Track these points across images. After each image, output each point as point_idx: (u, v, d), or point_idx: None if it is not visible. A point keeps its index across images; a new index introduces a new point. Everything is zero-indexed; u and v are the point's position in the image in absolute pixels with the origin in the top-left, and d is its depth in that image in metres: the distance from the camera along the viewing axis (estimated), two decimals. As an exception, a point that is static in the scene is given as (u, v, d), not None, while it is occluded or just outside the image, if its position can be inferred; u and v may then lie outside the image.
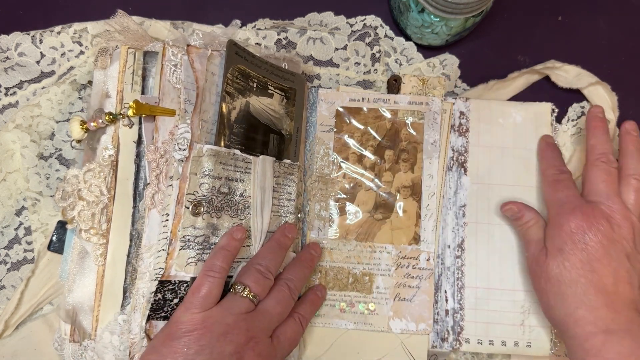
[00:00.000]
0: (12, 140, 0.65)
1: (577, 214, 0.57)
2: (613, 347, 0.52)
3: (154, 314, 0.53)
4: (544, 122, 0.66)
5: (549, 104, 0.67)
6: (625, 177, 0.59)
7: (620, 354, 0.51)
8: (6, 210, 0.65)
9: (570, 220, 0.56)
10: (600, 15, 0.72)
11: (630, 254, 0.56)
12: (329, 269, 0.65)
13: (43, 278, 0.64)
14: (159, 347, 0.50)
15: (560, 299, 0.56)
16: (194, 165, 0.54)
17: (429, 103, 0.66)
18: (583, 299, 0.54)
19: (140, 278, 0.54)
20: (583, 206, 0.57)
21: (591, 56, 0.70)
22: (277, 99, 0.63)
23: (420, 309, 0.64)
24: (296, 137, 0.64)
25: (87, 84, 0.67)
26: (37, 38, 0.68)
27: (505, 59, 0.71)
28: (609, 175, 0.59)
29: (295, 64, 0.66)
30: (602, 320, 0.53)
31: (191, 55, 0.57)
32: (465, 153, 0.66)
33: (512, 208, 0.63)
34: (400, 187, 0.66)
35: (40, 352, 0.64)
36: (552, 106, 0.67)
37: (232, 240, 0.55)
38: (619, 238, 0.56)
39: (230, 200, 0.57)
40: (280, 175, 0.62)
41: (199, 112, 0.56)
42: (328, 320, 0.64)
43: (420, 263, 0.65)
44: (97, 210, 0.55)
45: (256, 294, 0.54)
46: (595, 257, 0.55)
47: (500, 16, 0.72)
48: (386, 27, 0.71)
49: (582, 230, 0.56)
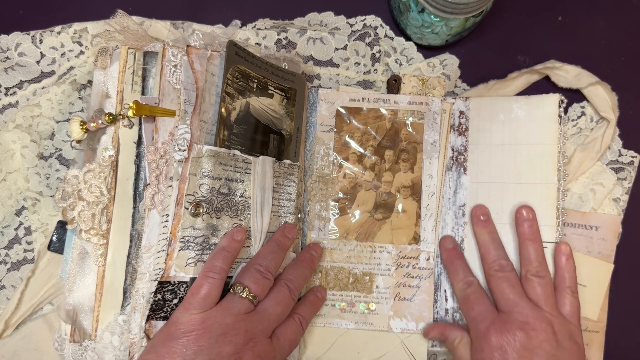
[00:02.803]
0: (12, 140, 0.65)
1: (492, 331, 0.57)
2: None
3: (154, 314, 0.53)
4: (550, 115, 0.65)
5: (557, 95, 0.65)
6: (524, 277, 0.60)
7: None
8: (6, 210, 0.65)
9: (488, 340, 0.56)
10: (600, 15, 0.72)
11: (555, 353, 0.55)
12: (330, 269, 0.65)
13: (43, 278, 0.64)
14: (158, 347, 0.50)
15: None
16: (193, 166, 0.54)
17: (429, 103, 0.66)
18: None
19: (140, 278, 0.54)
20: (496, 321, 0.57)
21: (591, 56, 0.70)
22: (277, 99, 0.63)
23: (420, 309, 0.64)
24: (296, 137, 0.64)
25: (87, 83, 0.67)
26: (37, 38, 0.68)
27: (505, 59, 0.71)
28: (508, 281, 0.59)
29: (296, 64, 0.66)
30: None
31: (191, 55, 0.57)
32: (464, 152, 0.66)
33: (435, 334, 0.62)
34: (400, 187, 0.66)
35: (40, 352, 0.64)
36: (561, 96, 0.65)
37: (232, 242, 0.55)
38: (537, 344, 0.55)
39: (230, 201, 0.57)
40: (280, 176, 0.62)
41: (198, 113, 0.56)
42: (328, 320, 0.64)
43: (420, 263, 0.65)
44: (97, 210, 0.55)
45: (255, 294, 0.54)
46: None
47: (500, 16, 0.72)
48: (386, 27, 0.70)
49: (500, 348, 0.55)
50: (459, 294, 0.62)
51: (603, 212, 0.67)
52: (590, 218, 0.67)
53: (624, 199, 0.68)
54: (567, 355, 0.56)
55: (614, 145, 0.68)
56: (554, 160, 0.64)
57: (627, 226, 0.67)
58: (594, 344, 0.66)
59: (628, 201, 0.68)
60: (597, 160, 0.67)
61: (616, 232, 0.67)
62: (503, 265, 0.60)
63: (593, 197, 0.67)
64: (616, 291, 0.66)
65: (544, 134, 0.65)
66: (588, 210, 0.67)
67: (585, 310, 0.65)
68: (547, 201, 0.64)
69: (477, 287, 0.61)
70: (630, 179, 0.68)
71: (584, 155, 0.67)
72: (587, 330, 0.65)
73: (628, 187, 0.68)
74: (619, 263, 0.66)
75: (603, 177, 0.68)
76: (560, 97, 0.65)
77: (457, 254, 0.63)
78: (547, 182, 0.64)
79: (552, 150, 0.64)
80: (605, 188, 0.67)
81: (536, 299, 0.58)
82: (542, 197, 0.64)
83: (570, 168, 0.66)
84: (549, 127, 0.65)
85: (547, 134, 0.65)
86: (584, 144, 0.68)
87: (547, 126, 0.65)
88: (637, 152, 0.68)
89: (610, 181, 0.67)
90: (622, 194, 0.68)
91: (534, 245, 0.61)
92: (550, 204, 0.64)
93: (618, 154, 0.68)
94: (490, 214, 0.63)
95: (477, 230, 0.63)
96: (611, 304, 0.66)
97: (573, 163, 0.67)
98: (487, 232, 0.62)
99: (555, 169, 0.64)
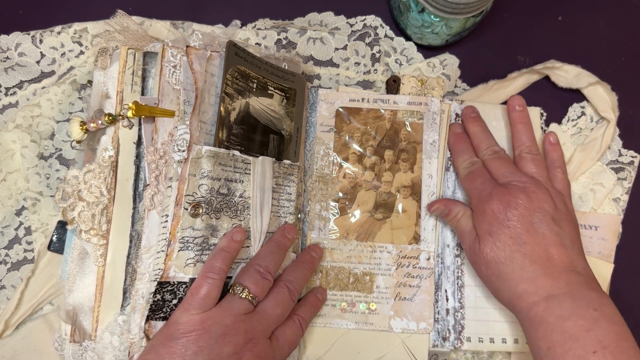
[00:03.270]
0: (12, 140, 0.65)
1: (494, 196, 0.58)
2: (554, 311, 0.53)
3: (153, 315, 0.53)
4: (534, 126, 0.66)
5: (537, 108, 0.68)
6: (518, 156, 0.63)
7: (561, 317, 0.52)
8: (6, 210, 0.65)
9: (491, 202, 0.58)
10: (600, 15, 0.72)
11: (554, 215, 0.57)
12: (330, 269, 0.65)
13: (43, 278, 0.64)
14: (158, 347, 0.50)
15: (502, 280, 0.57)
16: (192, 167, 0.54)
17: (428, 103, 0.66)
18: (521, 274, 0.55)
19: (140, 279, 0.54)
20: (498, 188, 0.59)
21: (591, 56, 0.70)
22: (277, 100, 0.63)
23: (420, 308, 0.64)
24: (296, 138, 0.64)
25: (87, 83, 0.67)
26: (37, 38, 0.68)
27: (505, 59, 0.71)
28: (503, 159, 0.62)
29: (296, 64, 0.66)
30: (542, 289, 0.54)
31: (190, 56, 0.57)
32: (462, 154, 0.67)
33: (438, 207, 0.64)
34: (400, 187, 0.66)
35: (40, 352, 0.64)
36: (541, 110, 0.68)
37: (231, 242, 0.55)
38: (538, 204, 0.57)
39: (229, 201, 0.57)
40: (280, 176, 0.62)
41: (197, 114, 0.56)
42: (329, 320, 0.64)
43: (420, 262, 0.65)
44: (97, 211, 0.55)
45: (255, 295, 0.54)
46: (522, 230, 0.56)
47: (500, 16, 0.72)
48: (386, 27, 0.70)
49: (503, 208, 0.57)
50: (463, 171, 0.64)
51: (603, 212, 0.67)
52: (589, 218, 0.67)
53: (624, 199, 0.68)
54: (563, 217, 0.58)
55: (614, 145, 0.68)
56: None
57: (627, 226, 0.67)
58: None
59: (628, 201, 0.68)
60: (597, 160, 0.68)
61: (616, 232, 0.67)
62: (496, 149, 0.63)
63: (593, 197, 0.67)
64: (617, 291, 0.66)
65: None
66: (588, 210, 0.67)
67: (586, 310, 0.65)
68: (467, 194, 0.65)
69: (480, 165, 0.63)
70: (630, 179, 0.68)
71: (584, 155, 0.67)
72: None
73: (628, 187, 0.68)
74: (619, 263, 0.66)
75: (603, 177, 0.68)
76: (541, 110, 0.69)
77: (464, 138, 0.65)
78: None
79: None
80: (605, 188, 0.67)
81: (531, 173, 0.61)
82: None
83: (570, 168, 0.67)
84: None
85: None
86: (584, 144, 0.68)
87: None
88: (637, 152, 0.68)
89: (610, 181, 0.67)
90: (622, 194, 0.68)
91: (525, 128, 0.64)
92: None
93: (618, 154, 0.68)
94: (479, 112, 0.66)
95: (469, 126, 0.66)
96: (611, 304, 0.66)
97: (573, 163, 0.67)
98: (477, 125, 0.65)
99: None
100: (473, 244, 0.59)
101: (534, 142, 0.63)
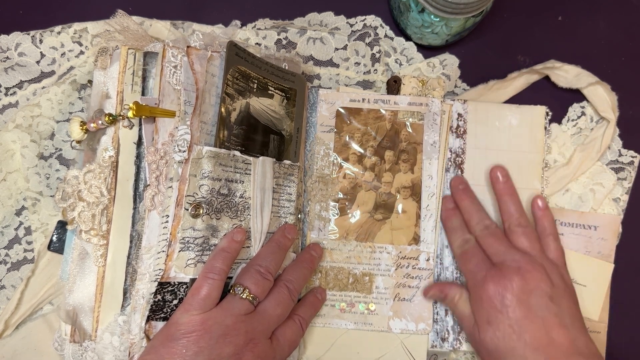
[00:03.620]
0: (12, 140, 0.65)
1: (489, 279, 0.57)
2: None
3: (154, 315, 0.53)
4: (537, 125, 0.67)
5: (543, 107, 0.67)
6: (508, 229, 0.61)
7: None
8: (6, 210, 0.65)
9: (487, 287, 0.57)
10: (600, 15, 0.72)
11: (551, 294, 0.56)
12: (329, 269, 0.65)
13: (43, 278, 0.64)
14: (158, 348, 0.50)
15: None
16: (193, 167, 0.54)
17: (429, 104, 0.66)
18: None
19: (140, 279, 0.54)
20: (492, 270, 0.58)
21: (591, 56, 0.70)
22: (278, 100, 0.63)
23: (420, 309, 0.64)
24: (296, 138, 0.64)
25: (87, 83, 0.67)
26: (37, 38, 0.67)
27: (505, 59, 0.71)
28: (495, 236, 0.61)
29: (296, 64, 0.66)
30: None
31: (191, 56, 0.57)
32: (462, 155, 0.66)
33: (434, 292, 0.63)
34: (400, 188, 0.66)
35: (40, 352, 0.64)
36: (546, 109, 0.67)
37: (232, 242, 0.55)
38: (535, 285, 0.56)
39: (230, 202, 0.57)
40: (280, 176, 0.62)
41: (198, 114, 0.56)
42: (328, 320, 0.64)
43: (420, 263, 0.65)
44: (97, 211, 0.55)
45: (255, 295, 0.54)
46: (520, 317, 0.55)
47: (500, 16, 0.72)
48: (386, 27, 0.70)
49: (499, 294, 0.56)
50: (457, 250, 0.63)
51: (603, 212, 0.67)
52: (589, 218, 0.67)
53: (624, 199, 0.68)
54: (561, 293, 0.57)
55: (614, 145, 0.68)
56: (539, 168, 0.66)
57: (627, 226, 0.67)
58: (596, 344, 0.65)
59: (628, 201, 0.68)
60: (597, 160, 0.68)
61: (616, 232, 0.67)
62: (487, 224, 0.62)
63: (593, 197, 0.67)
64: (617, 291, 0.66)
65: (531, 143, 0.67)
66: (588, 210, 0.67)
67: (586, 311, 0.65)
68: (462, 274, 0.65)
69: (474, 243, 0.62)
70: (630, 179, 0.68)
71: (584, 155, 0.67)
72: (589, 331, 0.65)
73: (628, 187, 0.68)
74: (619, 263, 0.66)
75: (603, 177, 0.68)
76: (546, 109, 0.67)
77: (455, 214, 0.64)
78: (532, 187, 0.66)
79: (538, 158, 0.67)
80: (605, 188, 0.67)
81: (523, 248, 0.60)
82: (527, 201, 0.65)
83: (570, 168, 0.67)
84: (536, 136, 0.67)
85: (534, 143, 0.67)
86: (584, 144, 0.68)
87: (535, 136, 0.67)
88: (637, 152, 0.68)
89: (610, 181, 0.68)
90: (622, 194, 0.68)
91: (511, 199, 0.63)
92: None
93: (618, 154, 0.68)
94: (468, 183, 0.65)
95: (458, 200, 0.65)
96: (612, 304, 0.66)
97: (573, 163, 0.67)
98: (466, 199, 0.64)
99: (539, 176, 0.66)
100: (473, 330, 0.59)
101: (523, 213, 0.62)
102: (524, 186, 0.66)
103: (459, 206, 0.64)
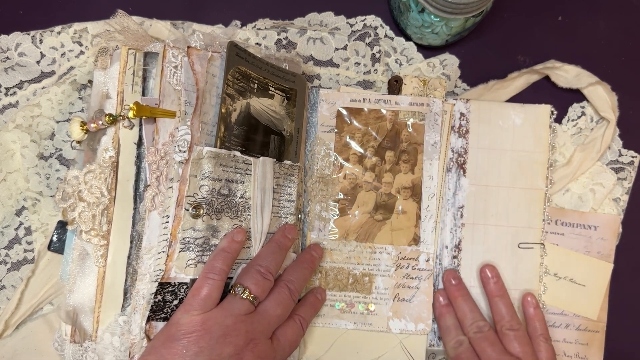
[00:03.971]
0: (12, 140, 0.65)
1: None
2: None
3: (154, 315, 0.53)
4: (542, 124, 0.66)
5: (548, 106, 0.67)
6: (500, 331, 0.62)
7: None
8: (6, 210, 0.65)
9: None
10: (600, 15, 0.72)
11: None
12: (329, 270, 0.65)
13: (43, 278, 0.64)
14: (159, 348, 0.50)
15: None
16: (193, 168, 0.54)
17: (430, 104, 0.66)
18: None
19: (141, 279, 0.54)
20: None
21: (591, 56, 0.70)
22: (278, 100, 0.63)
23: (419, 309, 0.64)
24: (297, 138, 0.64)
25: (88, 83, 0.67)
26: (37, 38, 0.67)
27: (505, 59, 0.71)
28: (488, 340, 0.61)
29: (296, 64, 0.66)
30: None
31: (191, 57, 0.57)
32: (464, 154, 0.66)
33: None
34: (400, 188, 0.66)
35: (40, 352, 0.64)
36: (551, 108, 0.67)
37: (232, 243, 0.55)
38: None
39: (230, 202, 0.57)
40: (281, 177, 0.62)
41: (199, 114, 0.56)
42: (328, 320, 0.64)
43: (419, 264, 0.65)
44: (97, 211, 0.55)
45: (256, 295, 0.54)
46: None
47: (500, 16, 0.72)
48: (386, 27, 0.70)
49: None
50: (450, 352, 0.63)
51: (603, 212, 0.67)
52: (589, 218, 0.67)
53: (624, 199, 0.68)
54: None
55: (614, 145, 0.69)
56: (543, 167, 0.66)
57: (627, 226, 0.68)
58: (594, 344, 0.66)
59: (628, 201, 0.68)
60: (597, 160, 0.68)
61: (616, 232, 0.67)
62: (480, 326, 0.62)
63: (593, 197, 0.67)
64: (616, 291, 0.67)
65: (536, 142, 0.67)
66: (588, 210, 0.67)
67: (585, 310, 0.65)
68: (535, 205, 0.65)
69: (467, 346, 0.62)
70: (630, 179, 0.68)
71: (584, 155, 0.67)
72: (587, 330, 0.66)
73: (628, 187, 0.68)
74: (619, 263, 0.67)
75: (603, 177, 0.68)
76: (551, 108, 0.67)
77: (449, 312, 0.64)
78: (536, 187, 0.66)
79: (542, 158, 0.66)
80: (605, 188, 0.67)
81: (516, 353, 0.60)
82: (531, 201, 0.66)
83: (570, 168, 0.67)
84: (540, 135, 0.66)
85: (539, 142, 0.67)
86: (584, 144, 0.68)
87: (540, 135, 0.66)
88: (637, 152, 0.68)
89: (610, 181, 0.68)
90: (622, 194, 0.68)
91: (502, 301, 0.63)
92: (538, 207, 0.66)
93: (618, 154, 0.69)
94: (460, 277, 0.65)
95: (451, 296, 0.64)
96: (611, 304, 0.66)
97: (573, 163, 0.67)
98: (460, 296, 0.64)
99: (544, 176, 0.66)
100: None
101: (514, 316, 0.62)
102: (528, 186, 0.66)
103: (452, 303, 0.64)
